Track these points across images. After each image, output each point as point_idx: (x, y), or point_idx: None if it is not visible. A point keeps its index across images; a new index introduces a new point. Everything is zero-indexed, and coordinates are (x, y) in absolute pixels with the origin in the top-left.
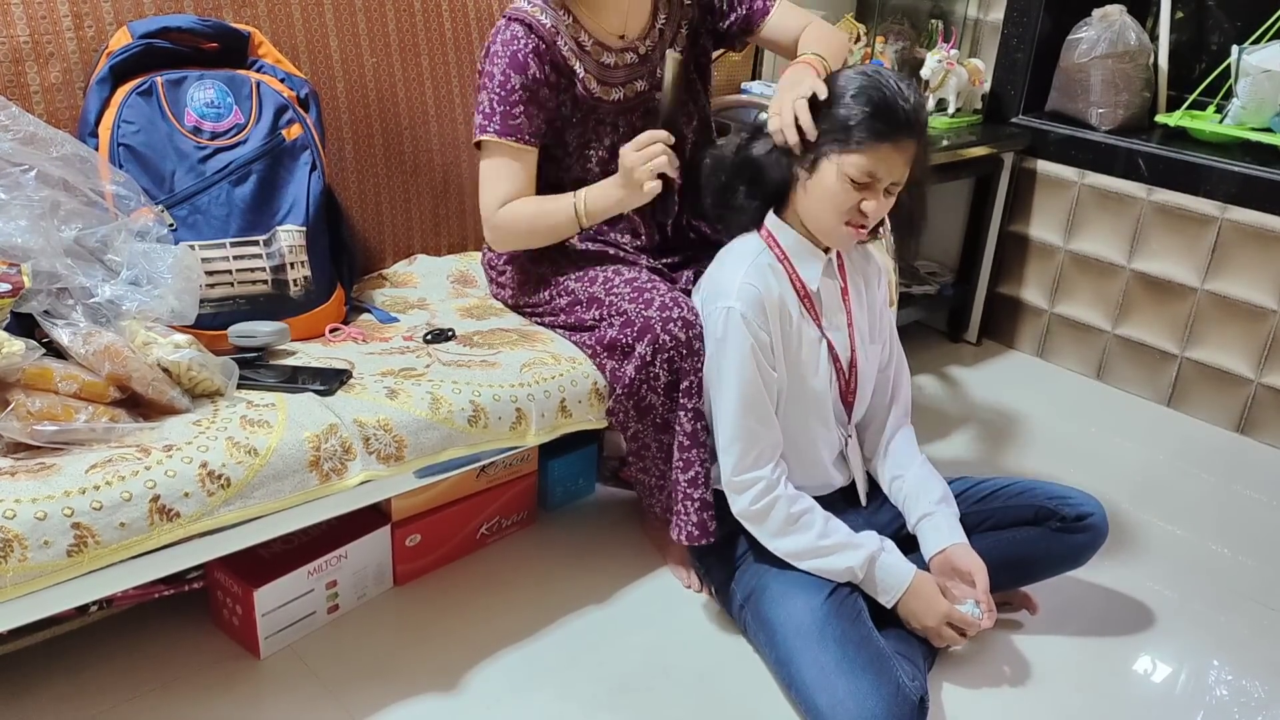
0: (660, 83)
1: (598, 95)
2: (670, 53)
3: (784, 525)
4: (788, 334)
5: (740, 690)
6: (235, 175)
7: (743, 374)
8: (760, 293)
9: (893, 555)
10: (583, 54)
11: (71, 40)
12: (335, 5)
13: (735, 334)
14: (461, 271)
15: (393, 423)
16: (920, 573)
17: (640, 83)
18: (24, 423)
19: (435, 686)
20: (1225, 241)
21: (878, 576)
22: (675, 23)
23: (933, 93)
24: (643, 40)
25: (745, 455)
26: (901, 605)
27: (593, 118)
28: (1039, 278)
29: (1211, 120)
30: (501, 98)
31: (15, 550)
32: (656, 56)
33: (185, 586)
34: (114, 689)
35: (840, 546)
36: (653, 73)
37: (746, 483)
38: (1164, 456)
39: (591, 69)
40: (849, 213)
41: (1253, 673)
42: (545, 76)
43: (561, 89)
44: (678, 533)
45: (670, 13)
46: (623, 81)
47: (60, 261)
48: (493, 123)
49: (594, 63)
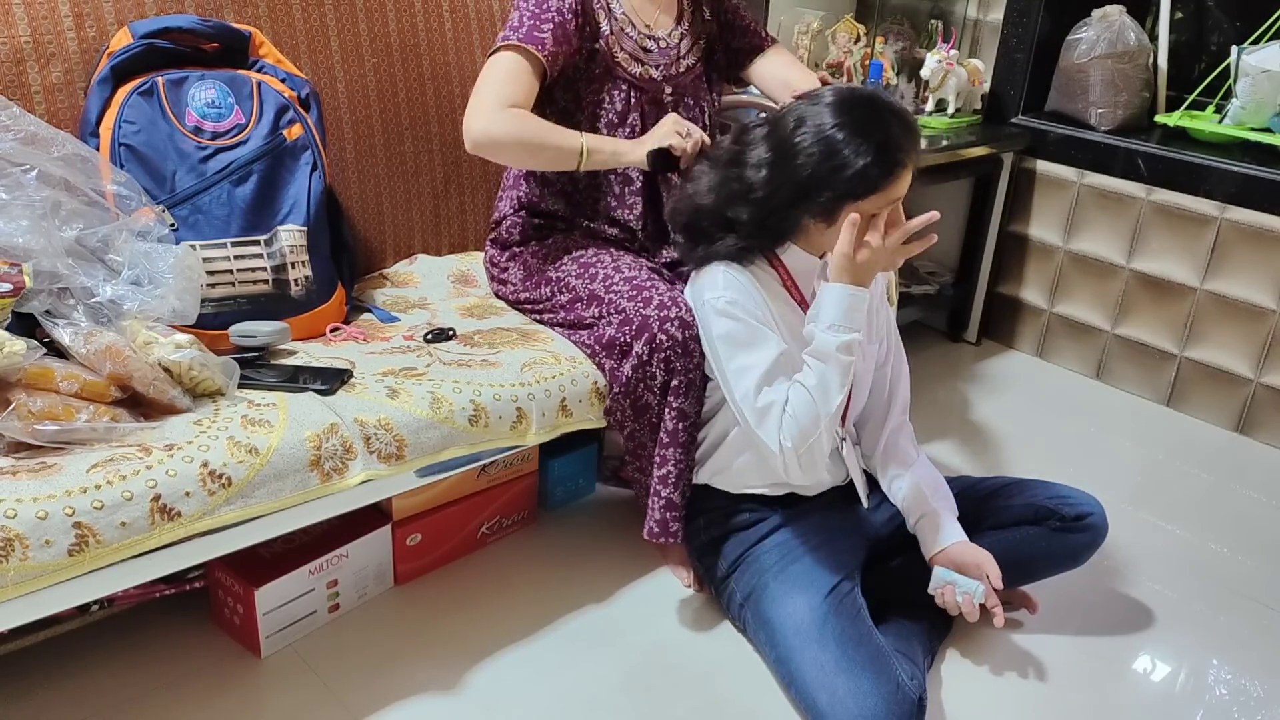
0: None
1: (617, 59)
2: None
3: (802, 413)
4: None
5: (740, 690)
6: (236, 175)
7: (750, 345)
8: (746, 281)
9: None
10: (611, 18)
11: (73, 40)
12: (336, 5)
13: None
14: (462, 271)
15: (393, 422)
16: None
17: (655, 70)
18: (25, 422)
19: (435, 686)
20: (1225, 241)
21: (834, 318)
22: (696, 34)
23: (932, 93)
24: (666, 36)
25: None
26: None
27: (608, 79)
28: (1038, 278)
29: (1211, 120)
30: (534, 14)
31: (16, 549)
32: (673, 56)
33: (186, 586)
34: (114, 689)
35: (820, 352)
36: (668, 67)
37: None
38: (1163, 456)
39: (616, 33)
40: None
41: (1252, 672)
42: (577, 14)
43: (585, 38)
44: (645, 528)
45: (693, 24)
46: (640, 60)
47: (61, 261)
48: (518, 33)
49: (619, 30)
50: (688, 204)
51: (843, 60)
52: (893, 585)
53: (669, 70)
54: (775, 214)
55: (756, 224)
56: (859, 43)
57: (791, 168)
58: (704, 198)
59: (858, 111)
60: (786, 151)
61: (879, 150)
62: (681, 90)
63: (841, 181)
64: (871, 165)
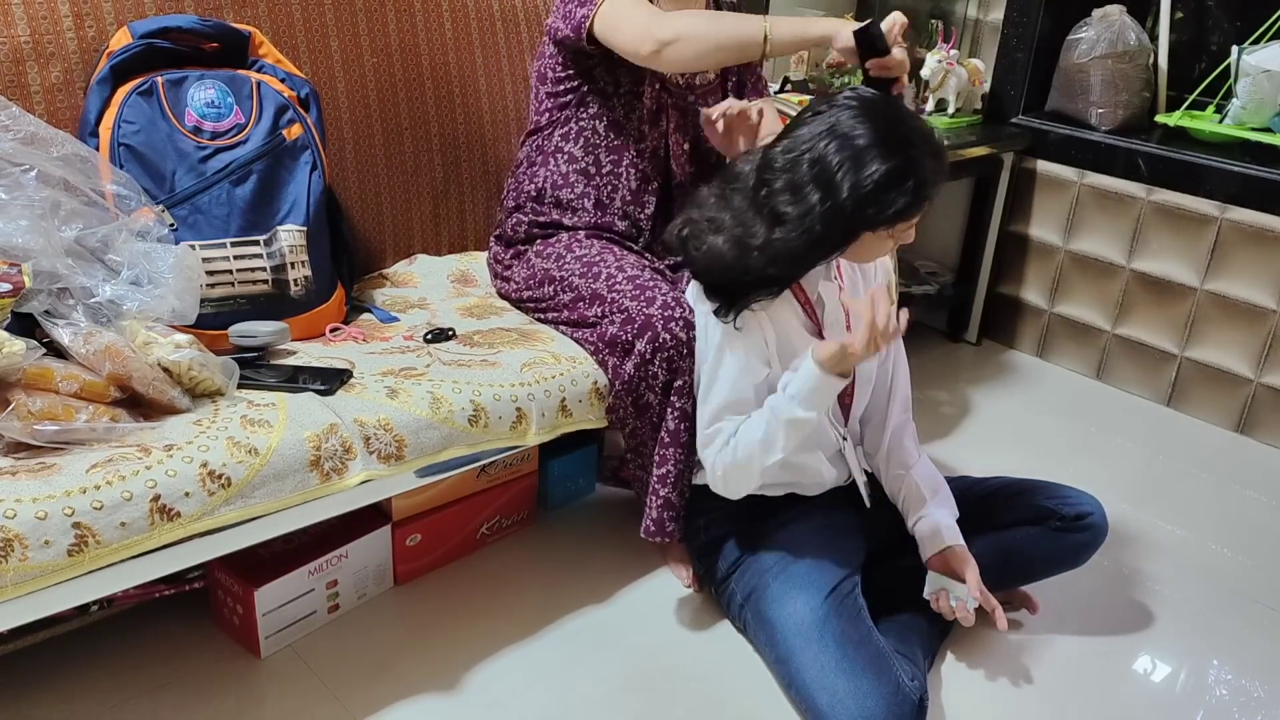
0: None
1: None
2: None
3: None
4: (785, 338)
5: (740, 690)
6: (236, 175)
7: (730, 375)
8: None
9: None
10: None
11: (72, 40)
12: (336, 5)
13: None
14: (462, 271)
15: (393, 422)
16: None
17: (681, 76)
18: (25, 422)
19: (435, 686)
20: (1225, 241)
21: (799, 392)
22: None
23: (933, 93)
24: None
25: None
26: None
27: (646, 71)
28: (1039, 278)
29: (1211, 120)
30: None
31: (16, 550)
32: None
33: (186, 586)
34: (115, 689)
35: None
36: (691, 76)
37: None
38: (1164, 456)
39: None
40: (887, 250)
41: (1252, 673)
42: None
43: None
44: (642, 526)
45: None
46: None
47: (61, 261)
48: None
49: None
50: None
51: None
52: (894, 586)
53: (694, 79)
54: (798, 255)
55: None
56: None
57: (825, 203)
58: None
59: (891, 141)
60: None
61: (915, 190)
62: (706, 101)
63: (869, 206)
64: (909, 205)
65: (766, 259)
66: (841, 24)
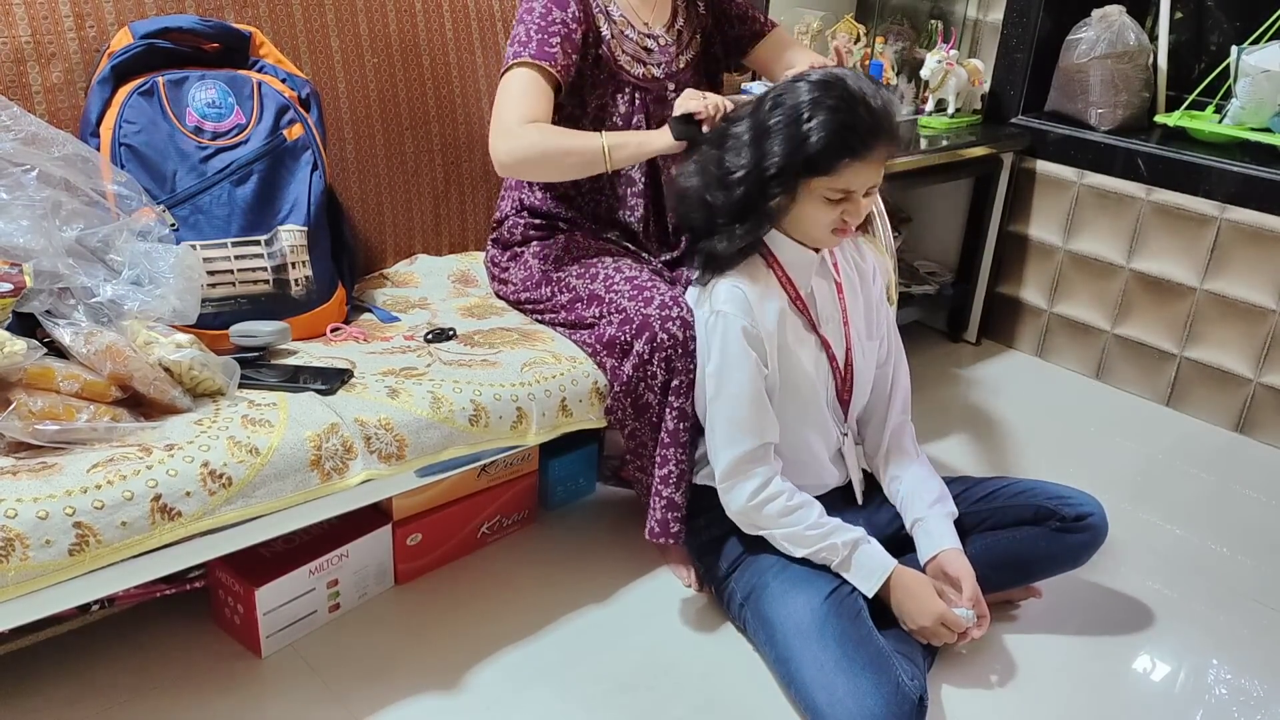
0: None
1: (620, 63)
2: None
3: (778, 518)
4: (780, 334)
5: (740, 690)
6: (237, 175)
7: (737, 377)
8: (746, 294)
9: (876, 545)
10: (610, 22)
11: (73, 40)
12: (336, 5)
13: (726, 338)
14: (462, 271)
15: (394, 422)
16: (913, 572)
17: (656, 69)
18: (26, 422)
19: (436, 685)
20: (1224, 241)
21: (859, 561)
22: (692, 28)
23: (932, 93)
24: (664, 34)
25: (739, 458)
26: (896, 604)
27: (612, 84)
28: (1038, 278)
29: (1211, 120)
30: (541, 28)
31: (17, 549)
32: (673, 53)
33: (187, 586)
34: (115, 688)
35: (829, 533)
36: (669, 64)
37: (740, 483)
38: (1163, 456)
39: (616, 37)
40: (833, 223)
41: (1252, 672)
42: (581, 21)
43: (589, 43)
44: (646, 528)
45: (688, 19)
46: (642, 61)
47: (62, 261)
48: (528, 49)
49: (619, 33)
50: (677, 192)
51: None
52: None
53: (670, 68)
54: (750, 193)
55: (735, 208)
56: (859, 43)
57: (763, 143)
58: (689, 179)
59: (833, 91)
60: (762, 128)
61: (837, 131)
62: (684, 85)
63: (796, 151)
64: (827, 144)
65: (727, 194)
66: (663, 134)
